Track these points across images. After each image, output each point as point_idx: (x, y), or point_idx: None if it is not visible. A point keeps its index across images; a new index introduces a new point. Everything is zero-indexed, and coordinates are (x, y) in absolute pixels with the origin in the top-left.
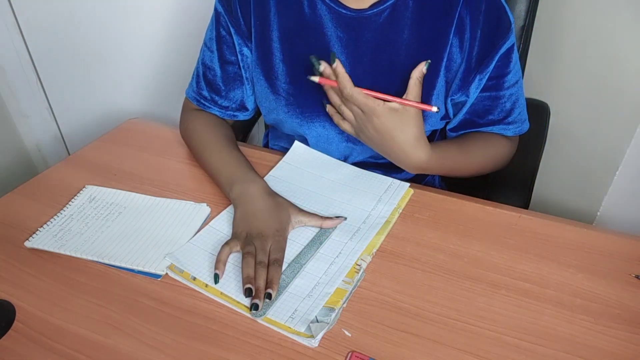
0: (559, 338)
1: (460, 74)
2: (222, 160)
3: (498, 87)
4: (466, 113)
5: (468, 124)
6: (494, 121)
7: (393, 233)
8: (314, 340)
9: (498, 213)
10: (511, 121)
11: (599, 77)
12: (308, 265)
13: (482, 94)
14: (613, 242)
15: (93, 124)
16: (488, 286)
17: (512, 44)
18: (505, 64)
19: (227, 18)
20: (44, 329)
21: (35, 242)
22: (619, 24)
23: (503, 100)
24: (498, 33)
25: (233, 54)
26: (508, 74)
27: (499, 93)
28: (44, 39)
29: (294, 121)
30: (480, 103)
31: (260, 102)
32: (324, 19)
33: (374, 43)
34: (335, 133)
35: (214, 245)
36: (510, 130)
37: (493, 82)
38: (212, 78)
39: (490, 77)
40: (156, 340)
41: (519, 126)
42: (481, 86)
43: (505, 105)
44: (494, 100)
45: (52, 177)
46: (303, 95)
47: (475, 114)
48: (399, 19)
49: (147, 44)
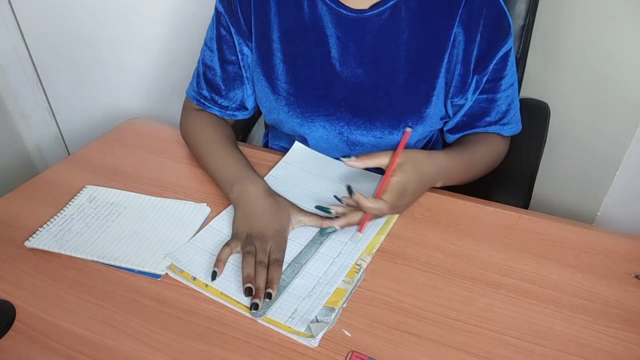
0: (559, 338)
1: (458, 77)
2: (223, 160)
3: (495, 89)
4: (464, 115)
5: (465, 125)
6: (490, 122)
7: (393, 233)
8: (314, 340)
9: (498, 213)
10: (507, 122)
11: (599, 77)
12: (308, 265)
13: (479, 96)
14: (613, 242)
15: (93, 124)
16: (488, 286)
17: (510, 47)
18: (502, 67)
19: (228, 18)
20: (44, 329)
21: (35, 242)
22: (619, 24)
23: (499, 102)
24: (497, 36)
25: (233, 53)
26: (504, 77)
27: (496, 95)
28: (44, 39)
29: (294, 121)
30: (477, 105)
31: (260, 102)
32: (324, 19)
33: (374, 44)
34: (335, 133)
35: (214, 245)
36: (505, 131)
37: (490, 85)
38: (212, 77)
39: (487, 80)
40: (156, 340)
41: (513, 127)
42: (479, 89)
43: (501, 107)
44: (491, 102)
45: (52, 177)
46: (303, 95)
47: (472, 116)
48: (400, 20)
49: (147, 44)
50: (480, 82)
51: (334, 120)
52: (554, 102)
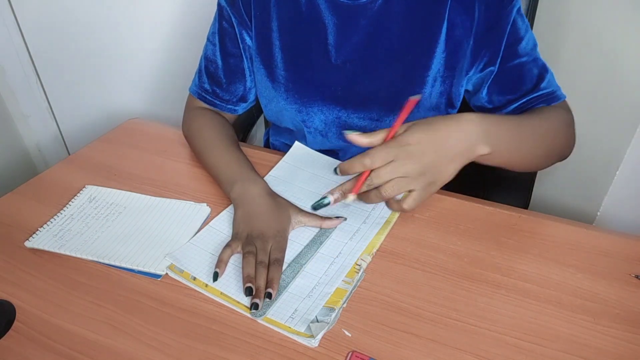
0: (559, 338)
1: (469, 53)
2: (224, 160)
3: (516, 54)
4: (497, 93)
5: (502, 103)
6: (527, 91)
7: (393, 233)
8: (314, 340)
9: (498, 213)
10: (546, 88)
11: (599, 77)
12: (308, 265)
13: (503, 66)
14: (613, 242)
15: (93, 124)
16: (488, 286)
17: (518, 5)
18: (516, 29)
19: (230, 10)
20: (44, 329)
21: (35, 242)
22: (619, 24)
23: (528, 66)
24: (501, 3)
25: (235, 46)
26: (522, 39)
27: (521, 60)
28: (44, 39)
29: (292, 107)
30: (507, 76)
31: (260, 93)
32: (321, 7)
33: (369, 30)
34: (333, 117)
35: (214, 245)
36: (552, 99)
37: (511, 51)
38: (214, 70)
39: (506, 45)
40: (156, 340)
41: (556, 91)
42: (498, 60)
43: (533, 71)
44: (520, 69)
45: (52, 177)
46: (300, 81)
47: (506, 90)
48: (393, 6)
49: (147, 43)
50: (499, 50)
51: (331, 105)
52: None
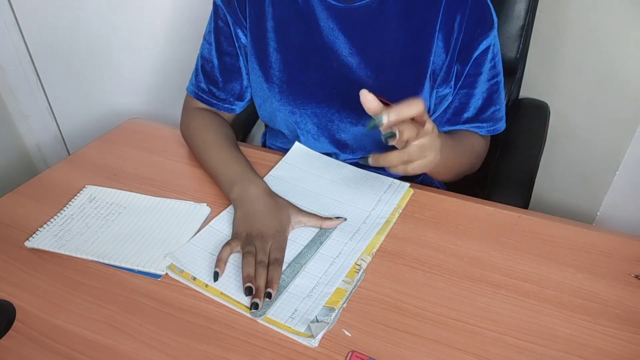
0: (559, 338)
1: (444, 66)
2: (223, 160)
3: (473, 84)
4: (446, 109)
5: (448, 121)
6: (468, 119)
7: (393, 233)
8: (314, 340)
9: (498, 213)
10: (485, 119)
11: (599, 77)
12: (308, 265)
13: (460, 90)
14: (613, 242)
15: (93, 124)
16: (488, 286)
17: (491, 43)
18: (482, 61)
19: (225, 9)
20: (44, 329)
21: (35, 242)
22: (619, 24)
23: (476, 97)
24: (480, 29)
25: (231, 44)
26: (482, 73)
27: (473, 91)
28: (44, 39)
29: (286, 108)
30: (458, 100)
31: (255, 93)
32: (315, 9)
33: (363, 33)
34: (326, 121)
35: (214, 245)
36: (484, 129)
37: (470, 80)
38: (210, 70)
39: (467, 74)
40: (156, 340)
41: (492, 125)
42: (460, 80)
43: (478, 103)
44: (469, 97)
45: (52, 177)
46: (295, 83)
47: (453, 111)
48: (387, 10)
49: (147, 44)
50: (462, 73)
51: (324, 107)
52: (554, 102)
